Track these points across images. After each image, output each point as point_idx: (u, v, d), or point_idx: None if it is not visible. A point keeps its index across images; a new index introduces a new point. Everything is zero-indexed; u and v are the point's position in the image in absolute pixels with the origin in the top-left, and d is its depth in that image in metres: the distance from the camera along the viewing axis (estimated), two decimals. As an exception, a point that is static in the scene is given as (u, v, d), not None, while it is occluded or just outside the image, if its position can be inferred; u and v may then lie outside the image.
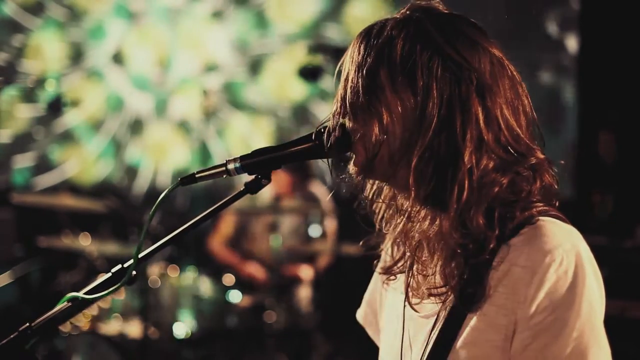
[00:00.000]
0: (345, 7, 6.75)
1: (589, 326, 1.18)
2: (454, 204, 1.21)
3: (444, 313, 1.27)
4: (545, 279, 1.18)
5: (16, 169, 6.80)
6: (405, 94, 1.24)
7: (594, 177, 5.51)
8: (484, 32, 1.31)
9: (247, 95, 6.90)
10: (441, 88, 1.22)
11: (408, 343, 1.36)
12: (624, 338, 3.07)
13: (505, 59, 1.29)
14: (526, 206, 1.23)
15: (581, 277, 1.18)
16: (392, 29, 1.27)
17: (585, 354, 1.17)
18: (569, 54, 6.57)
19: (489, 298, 1.22)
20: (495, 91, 1.24)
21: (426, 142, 1.22)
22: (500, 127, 1.23)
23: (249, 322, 4.65)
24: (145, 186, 6.88)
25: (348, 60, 1.31)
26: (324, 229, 5.14)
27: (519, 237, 1.21)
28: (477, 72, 1.23)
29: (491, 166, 1.22)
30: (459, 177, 1.21)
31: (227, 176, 1.35)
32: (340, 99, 1.31)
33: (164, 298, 4.48)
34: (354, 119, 1.29)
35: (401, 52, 1.24)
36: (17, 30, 6.85)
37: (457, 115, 1.22)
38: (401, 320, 1.38)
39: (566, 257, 1.18)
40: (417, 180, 1.23)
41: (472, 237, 1.22)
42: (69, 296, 1.26)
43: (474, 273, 1.22)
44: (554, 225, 1.22)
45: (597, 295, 1.21)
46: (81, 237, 4.65)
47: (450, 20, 1.28)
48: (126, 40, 6.92)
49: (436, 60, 1.23)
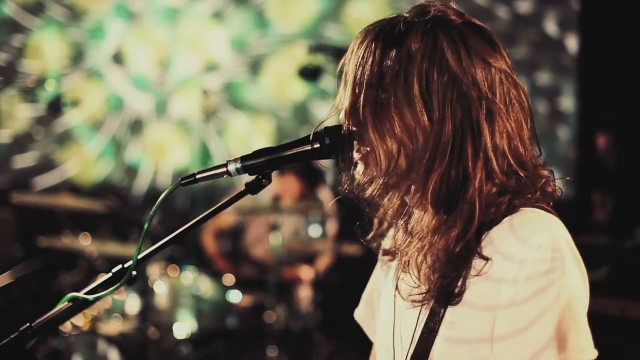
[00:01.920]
0: (346, 7, 6.75)
1: (568, 311, 1.19)
2: (458, 227, 1.24)
3: (429, 303, 1.30)
4: (523, 266, 1.20)
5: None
6: (421, 115, 1.25)
7: (594, 177, 5.51)
8: (493, 42, 1.31)
9: (247, 95, 6.90)
10: (455, 114, 1.24)
11: (399, 330, 1.39)
12: (624, 338, 3.07)
13: (511, 68, 1.30)
14: (512, 199, 1.26)
15: (559, 263, 1.20)
16: (411, 43, 1.26)
17: (566, 338, 1.19)
18: (569, 54, 6.57)
19: (471, 286, 1.25)
20: (503, 115, 1.26)
21: (443, 168, 1.24)
22: (505, 154, 1.26)
23: (249, 322, 4.65)
24: (145, 186, 6.88)
25: (357, 62, 1.30)
26: (325, 230, 5.14)
27: (501, 225, 1.25)
28: (487, 98, 1.25)
29: (494, 191, 1.25)
30: (467, 202, 1.24)
31: (227, 176, 1.35)
32: (350, 107, 1.30)
33: (164, 298, 4.48)
34: (365, 129, 1.28)
35: (419, 72, 1.25)
36: (17, 30, 6.85)
37: (468, 143, 1.24)
38: (392, 309, 1.41)
39: (544, 243, 1.20)
40: (433, 202, 1.26)
41: (460, 255, 1.25)
42: (69, 296, 1.27)
43: (454, 276, 1.25)
44: (533, 214, 1.25)
45: (578, 281, 1.23)
46: (81, 237, 4.65)
47: (464, 36, 1.27)
48: (126, 40, 6.92)
49: (451, 85, 1.24)
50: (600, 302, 2.29)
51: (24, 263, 5.18)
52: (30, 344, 1.22)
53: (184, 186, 1.34)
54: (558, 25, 6.59)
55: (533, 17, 6.64)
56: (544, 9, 6.64)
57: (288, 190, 5.03)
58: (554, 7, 6.61)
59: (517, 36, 6.56)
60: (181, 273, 4.58)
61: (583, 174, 6.06)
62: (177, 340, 4.44)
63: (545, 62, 6.62)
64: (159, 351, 4.37)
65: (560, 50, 6.58)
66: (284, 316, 4.73)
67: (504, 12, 6.61)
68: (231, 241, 5.49)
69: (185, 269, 4.61)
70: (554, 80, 6.62)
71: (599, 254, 2.68)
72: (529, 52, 6.58)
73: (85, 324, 4.21)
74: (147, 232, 1.31)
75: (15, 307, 5.25)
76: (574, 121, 6.57)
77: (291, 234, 5.17)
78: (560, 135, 6.60)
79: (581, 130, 6.43)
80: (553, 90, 6.62)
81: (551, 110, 6.62)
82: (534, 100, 6.64)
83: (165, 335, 4.43)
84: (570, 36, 6.56)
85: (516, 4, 6.65)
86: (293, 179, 5.02)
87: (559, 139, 6.59)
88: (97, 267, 4.54)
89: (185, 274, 4.58)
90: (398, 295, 1.38)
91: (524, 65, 6.48)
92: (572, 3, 6.59)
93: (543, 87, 6.61)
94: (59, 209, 4.88)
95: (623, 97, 5.87)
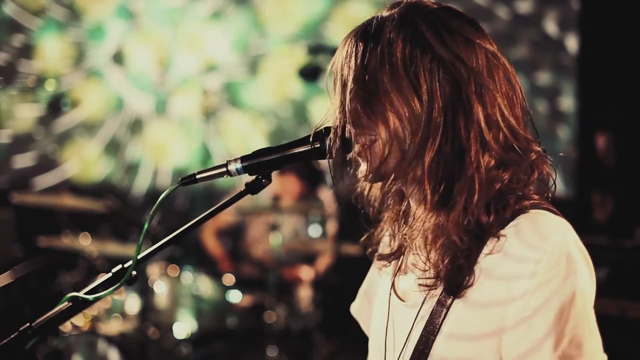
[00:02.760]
0: (345, 7, 6.75)
1: (583, 316, 1.19)
2: (461, 202, 1.23)
3: (431, 303, 1.29)
4: (537, 270, 1.18)
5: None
6: (411, 98, 1.25)
7: (594, 177, 5.50)
8: (475, 24, 1.31)
9: (247, 95, 6.90)
10: (444, 91, 1.24)
11: (392, 331, 1.39)
12: (624, 338, 3.07)
13: (497, 50, 1.31)
14: (520, 198, 1.26)
15: (573, 268, 1.19)
16: (389, 31, 1.27)
17: (581, 343, 1.18)
18: (569, 54, 6.57)
19: (478, 288, 1.24)
20: (493, 88, 1.26)
21: (436, 146, 1.23)
22: (499, 126, 1.26)
23: (249, 322, 4.65)
24: (145, 186, 6.88)
25: (342, 62, 1.31)
26: (325, 230, 5.15)
27: (511, 228, 1.23)
28: (475, 72, 1.25)
29: (492, 164, 1.24)
30: (466, 176, 1.23)
31: (227, 177, 1.35)
32: (340, 106, 1.31)
33: (164, 298, 4.48)
34: (358, 125, 1.29)
35: (402, 56, 1.25)
36: (17, 30, 6.85)
37: (460, 118, 1.24)
38: (387, 308, 1.40)
39: (558, 248, 1.19)
40: (430, 182, 1.25)
41: (470, 231, 1.23)
42: (69, 296, 1.27)
43: (465, 263, 1.24)
44: (544, 217, 1.24)
45: (590, 285, 1.22)
46: (81, 237, 4.65)
47: (443, 19, 1.28)
48: (126, 41, 6.92)
49: (436, 63, 1.24)
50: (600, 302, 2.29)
51: (24, 263, 5.18)
52: (30, 344, 1.22)
53: (184, 186, 1.34)
54: (558, 25, 6.59)
55: (533, 17, 6.64)
56: (544, 9, 6.64)
57: (288, 190, 5.03)
58: (554, 7, 6.61)
59: (517, 36, 6.57)
60: (181, 273, 4.58)
61: (583, 174, 6.05)
62: (177, 340, 4.44)
63: (545, 62, 6.62)
64: (159, 351, 4.37)
65: (560, 50, 6.57)
66: (284, 316, 4.73)
67: (504, 12, 6.61)
68: (231, 241, 5.49)
69: (185, 269, 4.61)
70: (554, 80, 6.62)
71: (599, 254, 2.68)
72: (529, 52, 6.58)
73: (85, 324, 4.21)
74: (147, 232, 1.31)
75: (15, 307, 5.25)
76: (574, 121, 6.57)
77: (291, 234, 5.17)
78: (560, 135, 6.60)
79: (581, 130, 6.43)
80: (553, 90, 6.62)
81: (551, 110, 6.62)
82: (534, 100, 6.65)
83: (165, 335, 4.43)
84: (570, 36, 6.56)
85: (516, 4, 6.65)
86: (293, 178, 5.02)
87: (559, 139, 6.59)
88: (97, 267, 4.54)
89: (185, 274, 4.58)
90: (394, 294, 1.37)
91: (524, 65, 6.48)
92: (572, 3, 6.59)
93: (543, 87, 6.61)
94: (59, 209, 4.88)
95: (623, 97, 5.87)
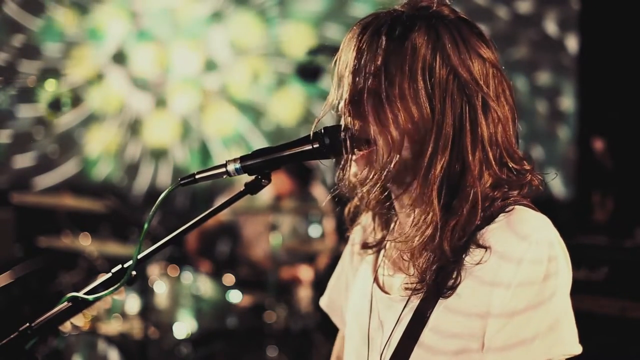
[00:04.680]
0: (346, 7, 6.75)
1: (563, 309, 1.23)
2: (458, 219, 1.26)
3: (419, 296, 1.30)
4: (521, 265, 1.22)
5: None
6: (425, 107, 1.26)
7: (594, 178, 5.51)
8: (485, 39, 1.33)
9: (247, 95, 6.90)
10: (454, 105, 1.26)
11: (377, 323, 1.39)
12: (624, 338, 3.07)
13: (499, 65, 1.33)
14: (503, 197, 1.29)
15: (554, 263, 1.23)
16: (415, 37, 1.27)
17: (562, 335, 1.22)
18: (569, 54, 6.57)
19: (464, 281, 1.26)
20: (497, 108, 1.28)
21: (446, 159, 1.26)
22: (498, 145, 1.29)
23: (249, 322, 4.65)
24: (145, 186, 6.88)
25: (355, 53, 1.29)
26: (323, 228, 5.14)
27: (495, 224, 1.26)
28: (484, 91, 1.27)
29: (489, 183, 1.28)
30: (465, 193, 1.26)
31: (227, 177, 1.35)
32: (350, 97, 1.30)
33: (164, 298, 4.47)
34: (367, 120, 1.29)
35: (423, 65, 1.26)
36: (17, 30, 6.85)
37: (467, 135, 1.26)
38: (369, 300, 1.42)
39: (540, 243, 1.22)
40: (437, 194, 1.27)
41: (461, 243, 1.26)
42: (69, 296, 1.27)
43: (451, 268, 1.27)
44: (527, 213, 1.27)
45: (568, 277, 1.26)
46: (81, 237, 4.65)
47: (462, 32, 1.30)
48: (126, 40, 6.92)
49: (452, 78, 1.26)
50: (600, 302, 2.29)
51: (24, 263, 5.18)
52: (30, 344, 1.22)
53: (184, 186, 1.34)
54: (558, 25, 6.59)
55: (533, 17, 6.65)
56: (544, 9, 6.64)
57: (278, 188, 5.00)
58: (554, 7, 6.62)
59: (517, 36, 6.57)
60: (181, 273, 4.58)
61: (583, 174, 6.05)
62: (177, 340, 4.44)
63: (545, 62, 6.62)
64: (159, 351, 4.37)
65: (560, 50, 6.58)
66: (283, 316, 4.73)
67: (504, 12, 6.61)
68: (230, 242, 5.48)
69: (185, 269, 4.60)
70: (554, 81, 6.63)
71: (599, 254, 2.68)
72: (529, 52, 6.58)
73: (85, 324, 4.21)
74: (147, 232, 1.31)
75: (15, 307, 5.25)
76: (574, 121, 6.57)
77: (289, 233, 5.17)
78: (560, 136, 6.60)
79: (581, 130, 6.43)
80: (553, 91, 6.63)
81: (551, 110, 6.62)
82: (534, 100, 6.65)
83: (165, 335, 4.42)
84: (570, 36, 6.56)
85: (516, 4, 6.65)
86: (283, 176, 4.98)
87: (559, 139, 6.60)
88: (97, 267, 4.54)
89: (185, 274, 4.58)
90: (376, 287, 1.39)
91: (524, 65, 6.48)
92: (572, 3, 6.60)
93: (543, 87, 6.61)
94: (59, 209, 4.87)
95: (623, 97, 5.87)
